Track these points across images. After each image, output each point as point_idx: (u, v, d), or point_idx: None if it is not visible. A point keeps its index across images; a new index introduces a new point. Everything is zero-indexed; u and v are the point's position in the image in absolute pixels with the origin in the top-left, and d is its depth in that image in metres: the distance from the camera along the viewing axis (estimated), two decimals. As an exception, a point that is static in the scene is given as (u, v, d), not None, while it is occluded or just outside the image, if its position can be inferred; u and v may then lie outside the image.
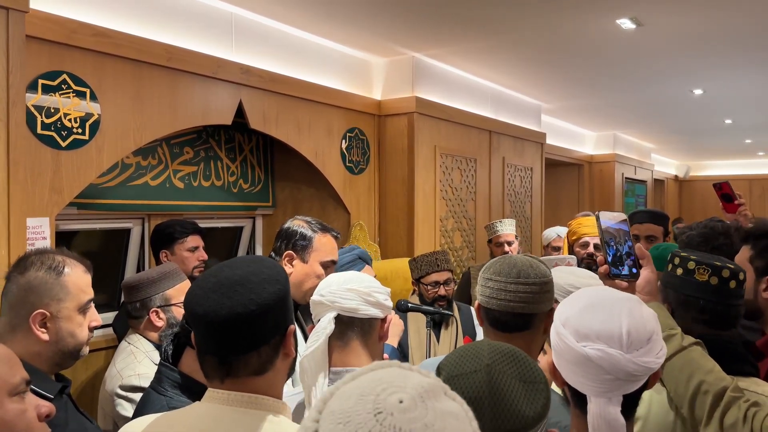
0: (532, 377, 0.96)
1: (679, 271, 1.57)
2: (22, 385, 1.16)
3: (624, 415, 1.05)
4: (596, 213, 1.52)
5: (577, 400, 1.11)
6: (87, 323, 1.60)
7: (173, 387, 1.58)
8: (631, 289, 1.42)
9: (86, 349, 1.61)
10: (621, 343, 1.04)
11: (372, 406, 0.62)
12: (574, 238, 3.65)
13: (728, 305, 1.53)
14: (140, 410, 1.60)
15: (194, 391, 1.47)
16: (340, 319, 1.47)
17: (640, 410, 1.50)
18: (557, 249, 4.02)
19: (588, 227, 3.63)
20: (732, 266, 1.55)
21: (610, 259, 1.44)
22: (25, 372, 1.19)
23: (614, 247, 1.46)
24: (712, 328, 1.55)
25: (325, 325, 1.45)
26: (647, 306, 1.13)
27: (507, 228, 3.84)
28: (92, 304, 1.63)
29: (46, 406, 1.19)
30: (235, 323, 1.11)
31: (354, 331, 1.48)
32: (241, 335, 1.12)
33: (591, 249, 3.53)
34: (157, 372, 1.63)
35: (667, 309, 1.54)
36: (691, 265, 1.55)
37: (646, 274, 1.43)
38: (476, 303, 1.57)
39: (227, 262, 1.23)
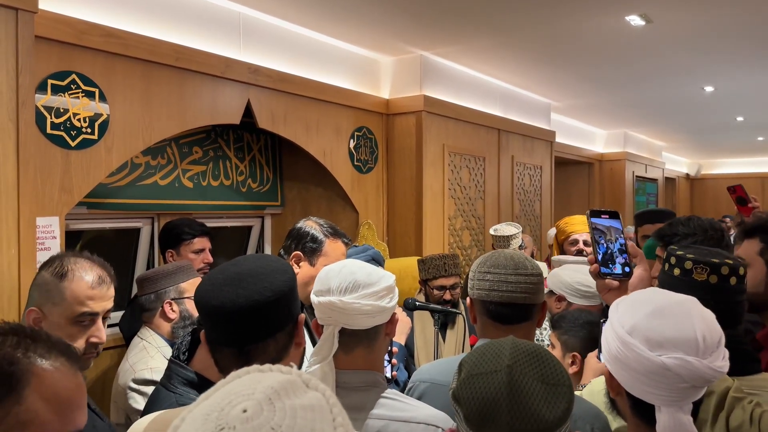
0: (555, 379, 0.93)
1: (677, 271, 1.48)
2: None
3: None
4: (587, 211, 1.48)
5: (639, 410, 1.06)
6: (85, 337, 1.54)
7: (183, 384, 1.59)
8: (623, 289, 1.38)
9: (87, 362, 1.54)
10: (697, 349, 0.99)
11: (214, 425, 0.59)
12: (563, 237, 3.62)
13: (731, 302, 1.45)
14: (150, 407, 1.60)
15: (206, 389, 1.47)
16: (344, 331, 1.41)
17: None
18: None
19: (575, 225, 3.59)
20: (731, 261, 1.46)
21: (600, 257, 1.40)
22: (83, 418, 0.95)
23: (604, 245, 1.42)
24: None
25: (330, 344, 1.38)
26: None
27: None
28: (98, 319, 1.57)
29: None
30: (253, 311, 1.13)
31: (360, 338, 1.42)
32: (258, 323, 1.14)
33: (581, 246, 3.50)
34: (167, 369, 1.64)
35: None
36: (689, 264, 1.46)
37: (639, 272, 1.39)
38: (469, 300, 1.55)
39: (231, 261, 1.24)
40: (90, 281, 1.56)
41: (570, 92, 5.58)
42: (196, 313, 2.14)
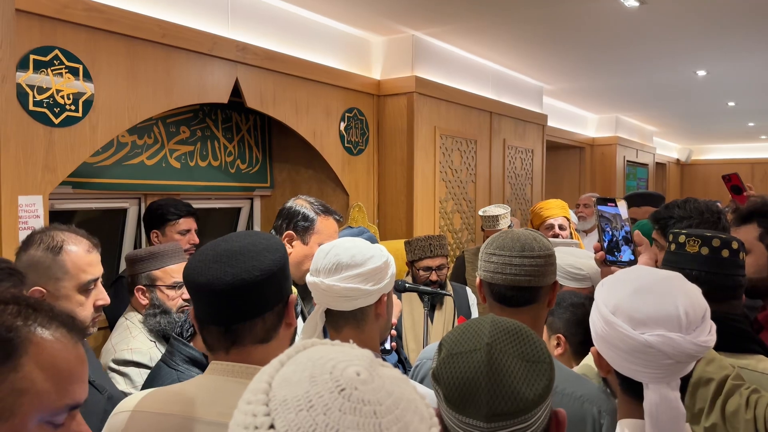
0: (535, 356, 0.92)
1: (673, 246, 1.54)
2: (63, 412, 0.85)
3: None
4: (594, 198, 1.49)
5: (628, 388, 1.07)
6: (91, 302, 1.64)
7: (184, 361, 1.61)
8: None
9: (93, 329, 1.66)
10: (680, 325, 1.00)
11: (333, 384, 0.59)
12: (538, 222, 3.59)
13: (724, 275, 1.48)
14: (150, 383, 1.63)
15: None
16: (329, 311, 1.41)
17: None
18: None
19: (551, 209, 3.57)
20: (723, 236, 1.50)
21: (605, 245, 1.40)
22: (82, 392, 0.89)
23: (610, 232, 1.42)
24: (711, 302, 1.52)
25: (315, 323, 1.40)
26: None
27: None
28: (98, 283, 1.67)
29: None
30: (241, 289, 1.11)
31: (346, 318, 1.42)
32: (246, 301, 1.12)
33: (556, 230, 3.49)
34: (169, 346, 1.67)
35: None
36: (682, 238, 1.52)
37: (645, 260, 1.40)
38: (478, 279, 1.54)
39: (222, 237, 1.22)
40: (85, 248, 1.64)
41: (562, 75, 5.54)
42: (168, 303, 2.10)
